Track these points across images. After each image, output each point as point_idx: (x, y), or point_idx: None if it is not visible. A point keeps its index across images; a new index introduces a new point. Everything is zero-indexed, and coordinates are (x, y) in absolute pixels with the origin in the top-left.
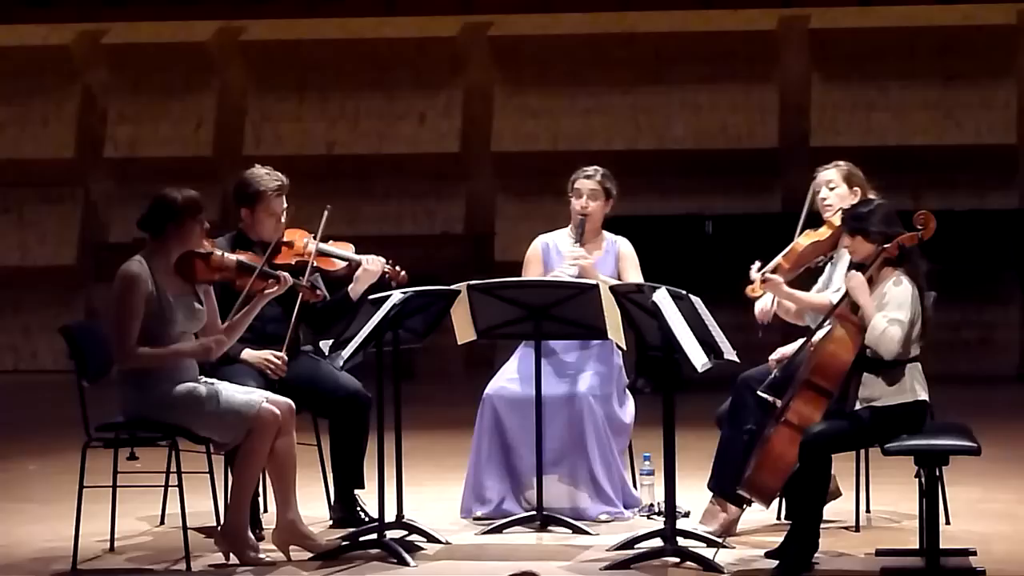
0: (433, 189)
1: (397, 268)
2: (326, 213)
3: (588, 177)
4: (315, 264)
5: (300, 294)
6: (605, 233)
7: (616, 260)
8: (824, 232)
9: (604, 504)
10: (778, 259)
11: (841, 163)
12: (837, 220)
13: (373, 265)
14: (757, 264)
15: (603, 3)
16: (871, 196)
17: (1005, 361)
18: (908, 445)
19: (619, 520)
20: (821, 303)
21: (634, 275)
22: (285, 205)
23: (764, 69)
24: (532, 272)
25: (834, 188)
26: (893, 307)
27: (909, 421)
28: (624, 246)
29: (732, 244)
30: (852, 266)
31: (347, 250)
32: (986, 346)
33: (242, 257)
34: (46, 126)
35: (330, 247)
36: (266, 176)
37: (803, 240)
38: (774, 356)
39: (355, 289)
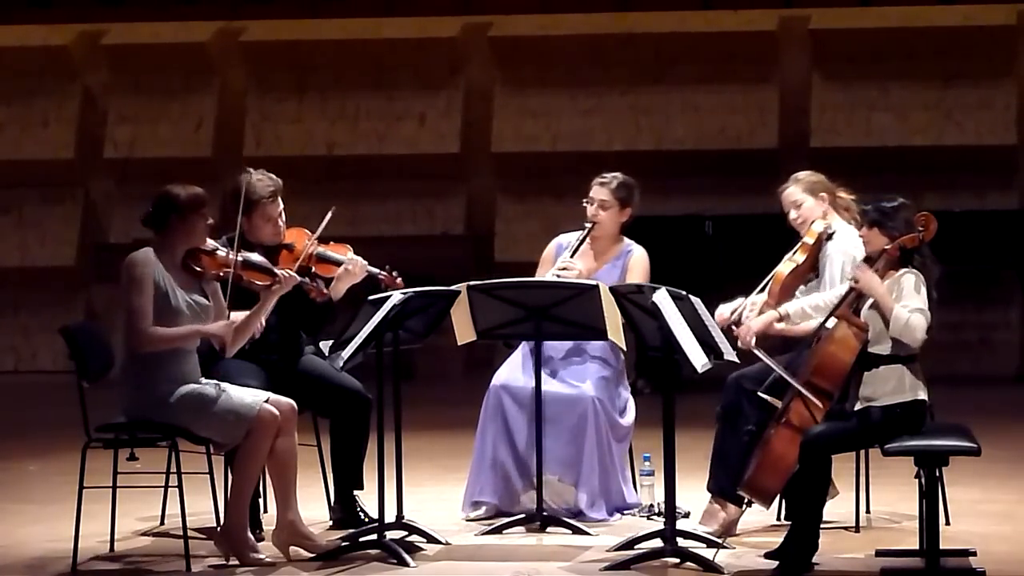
0: (433, 189)
1: (393, 274)
2: (329, 214)
3: (602, 184)
4: (315, 270)
5: (309, 292)
6: (625, 240)
7: (623, 272)
8: (799, 257)
9: (602, 508)
10: (761, 296)
11: (799, 175)
12: (813, 236)
13: (353, 266)
14: (733, 308)
15: (603, 3)
16: (842, 195)
17: (1005, 361)
18: (908, 445)
19: (617, 522)
20: (808, 329)
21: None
22: (282, 206)
23: (764, 69)
24: (541, 272)
25: (801, 205)
26: (909, 296)
27: (909, 421)
28: (635, 255)
29: (732, 244)
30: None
31: (344, 253)
32: (986, 346)
33: (252, 255)
34: (46, 126)
35: (328, 251)
36: (258, 183)
37: (783, 269)
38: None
39: (335, 289)
